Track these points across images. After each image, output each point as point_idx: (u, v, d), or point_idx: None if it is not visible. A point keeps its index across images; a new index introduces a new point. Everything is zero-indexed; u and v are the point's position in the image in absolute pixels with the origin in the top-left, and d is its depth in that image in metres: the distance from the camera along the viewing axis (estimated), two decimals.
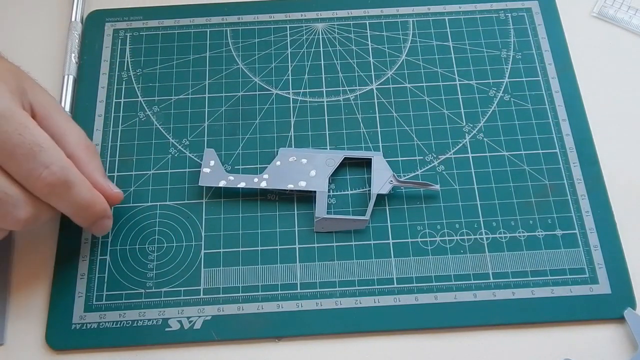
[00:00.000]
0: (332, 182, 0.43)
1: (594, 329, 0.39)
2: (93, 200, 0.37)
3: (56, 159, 0.34)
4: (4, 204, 0.33)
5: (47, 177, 0.34)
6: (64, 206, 0.36)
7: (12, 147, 0.33)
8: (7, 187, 0.33)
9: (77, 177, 0.35)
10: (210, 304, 0.40)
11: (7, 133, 0.33)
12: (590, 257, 0.41)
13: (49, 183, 0.34)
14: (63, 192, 0.35)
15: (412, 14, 0.50)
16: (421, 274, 0.40)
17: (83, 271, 0.41)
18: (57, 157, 0.34)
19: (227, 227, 0.42)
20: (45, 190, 0.34)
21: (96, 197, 0.37)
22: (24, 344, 0.39)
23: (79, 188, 0.36)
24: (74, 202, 0.36)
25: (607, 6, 0.50)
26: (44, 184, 0.34)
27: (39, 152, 0.33)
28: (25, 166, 0.33)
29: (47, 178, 0.34)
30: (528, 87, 0.47)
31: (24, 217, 0.34)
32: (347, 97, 0.47)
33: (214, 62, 0.48)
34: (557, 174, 0.43)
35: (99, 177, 0.38)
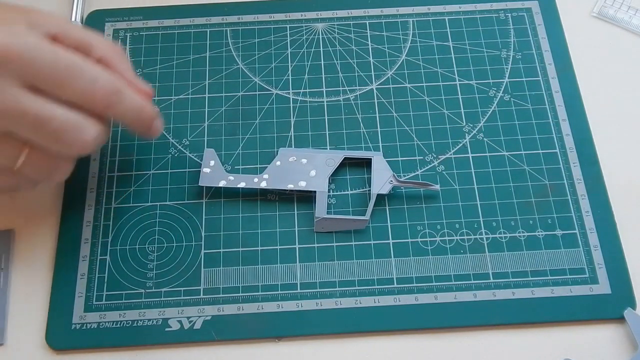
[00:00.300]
0: (332, 182, 0.43)
1: (594, 329, 0.39)
2: (142, 102, 0.38)
3: (99, 72, 0.36)
4: (71, 131, 0.35)
5: (99, 89, 0.35)
6: (122, 113, 0.37)
7: (60, 73, 0.34)
8: (67, 114, 0.34)
9: (122, 83, 0.37)
10: (210, 304, 0.40)
11: (50, 63, 0.34)
12: (590, 257, 0.41)
13: (104, 94, 0.35)
14: (117, 99, 0.36)
15: (412, 14, 0.50)
16: (421, 274, 0.40)
17: (83, 271, 0.41)
18: (99, 70, 0.36)
19: (227, 227, 0.42)
20: (103, 103, 0.36)
21: (143, 100, 0.38)
22: (24, 344, 0.39)
23: (128, 92, 0.37)
24: (129, 106, 0.37)
25: (607, 6, 0.50)
26: (100, 97, 0.35)
27: (84, 70, 0.35)
28: (77, 87, 0.34)
29: (100, 90, 0.35)
30: (528, 87, 0.47)
31: (92, 137, 0.36)
32: (347, 97, 0.47)
33: (214, 62, 0.48)
34: (557, 174, 0.43)
35: (130, 74, 0.39)
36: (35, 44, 0.34)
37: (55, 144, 0.35)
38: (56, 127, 0.34)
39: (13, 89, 0.33)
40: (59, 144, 0.35)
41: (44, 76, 0.34)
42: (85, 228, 0.42)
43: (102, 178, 0.43)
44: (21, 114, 0.33)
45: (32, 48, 0.33)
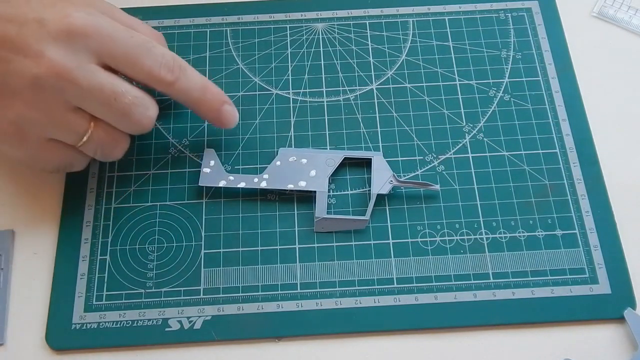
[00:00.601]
0: (332, 182, 0.43)
1: (594, 329, 0.39)
2: (206, 80, 0.40)
3: (164, 48, 0.38)
4: (140, 107, 0.36)
5: (167, 64, 0.37)
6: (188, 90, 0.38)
7: (132, 50, 0.36)
8: (137, 91, 0.36)
9: (184, 61, 0.38)
10: (210, 304, 0.40)
11: (123, 40, 0.35)
12: (590, 257, 0.41)
13: (171, 69, 0.37)
14: (182, 75, 0.38)
15: (412, 14, 0.50)
16: (421, 274, 0.40)
17: (83, 271, 0.41)
18: (164, 48, 0.37)
19: (227, 227, 0.42)
20: (170, 78, 0.37)
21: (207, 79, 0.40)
22: (24, 344, 0.39)
23: (191, 70, 0.39)
24: (194, 84, 0.38)
25: (607, 6, 0.50)
26: (167, 72, 0.37)
27: (151, 47, 0.36)
28: (148, 63, 0.36)
29: (167, 65, 0.37)
30: (528, 87, 0.47)
31: (154, 115, 0.38)
32: (347, 97, 0.47)
33: (214, 62, 0.48)
34: (557, 174, 0.43)
35: None
36: (110, 22, 0.35)
37: (124, 120, 0.36)
38: (127, 103, 0.35)
39: (89, 64, 0.34)
40: (127, 120, 0.36)
41: (118, 54, 0.35)
42: (85, 228, 0.42)
43: (102, 178, 0.43)
44: (96, 89, 0.34)
45: (110, 27, 0.35)
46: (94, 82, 0.34)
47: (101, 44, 0.35)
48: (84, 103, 0.35)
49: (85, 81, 0.34)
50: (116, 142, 0.38)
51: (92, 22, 0.34)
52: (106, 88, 0.35)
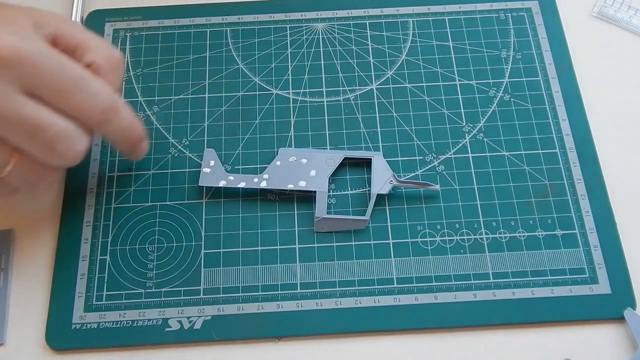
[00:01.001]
0: (332, 182, 0.43)
1: (594, 329, 0.39)
2: (135, 120, 0.38)
3: (101, 86, 0.35)
4: (64, 141, 0.34)
5: (98, 104, 0.35)
6: (114, 130, 0.37)
7: (61, 83, 0.34)
8: (63, 124, 0.34)
9: (121, 100, 0.37)
10: (210, 304, 0.40)
11: (53, 72, 0.33)
12: (590, 257, 0.41)
13: (102, 110, 0.35)
14: (113, 116, 0.36)
15: (412, 14, 0.50)
16: (421, 274, 0.40)
17: (83, 271, 0.41)
18: (101, 85, 0.35)
19: (227, 227, 0.42)
20: (99, 117, 0.35)
21: (135, 117, 0.38)
22: (24, 344, 0.39)
23: (124, 110, 0.37)
24: (122, 125, 0.37)
25: (607, 6, 0.50)
26: (97, 112, 0.35)
27: (86, 83, 0.34)
28: (77, 98, 0.34)
29: (99, 105, 0.35)
30: (528, 87, 0.47)
31: (83, 149, 0.35)
32: (347, 97, 0.47)
33: (214, 62, 0.48)
34: (557, 174, 0.43)
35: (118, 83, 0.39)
36: (44, 51, 0.33)
37: (48, 154, 0.34)
38: (51, 136, 0.33)
39: (13, 94, 0.32)
40: (51, 153, 0.34)
41: (47, 85, 0.33)
42: (85, 228, 0.42)
43: (102, 178, 0.43)
44: (19, 120, 0.32)
45: (42, 55, 0.33)
46: (16, 114, 0.32)
47: (28, 74, 0.32)
48: (5, 134, 0.33)
49: (6, 112, 0.32)
50: (41, 176, 0.36)
51: (21, 50, 0.32)
52: (29, 120, 0.33)
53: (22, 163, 0.34)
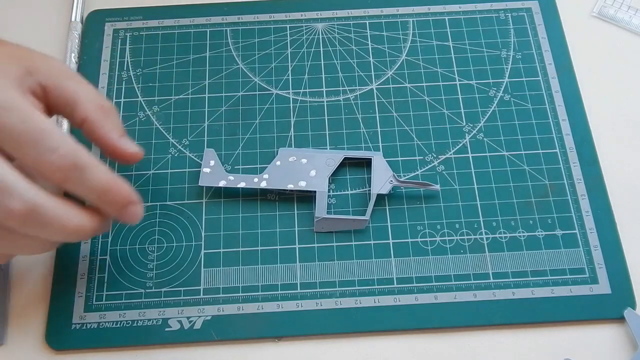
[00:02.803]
0: (332, 182, 0.43)
1: (594, 329, 0.39)
2: (110, 183, 0.35)
3: (63, 143, 0.33)
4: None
5: (55, 161, 0.33)
6: (83, 192, 0.35)
7: (18, 136, 0.32)
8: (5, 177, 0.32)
9: (89, 159, 0.34)
10: (210, 304, 0.40)
11: (11, 123, 0.32)
12: (590, 257, 0.41)
13: (59, 167, 0.33)
14: (76, 175, 0.34)
15: (412, 14, 0.50)
16: (421, 274, 0.40)
17: (83, 271, 0.41)
18: (64, 141, 0.33)
19: (227, 227, 0.42)
20: (58, 175, 0.33)
21: (114, 181, 0.35)
22: (24, 344, 0.39)
23: (93, 171, 0.34)
24: (91, 186, 0.34)
25: (607, 6, 0.50)
26: (54, 169, 0.33)
27: (45, 137, 0.33)
28: (33, 153, 0.33)
29: (56, 162, 0.33)
30: (528, 87, 0.47)
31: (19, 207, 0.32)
32: (347, 97, 0.47)
33: (214, 62, 0.48)
34: (557, 174, 0.43)
35: (114, 136, 0.37)
36: (7, 101, 0.32)
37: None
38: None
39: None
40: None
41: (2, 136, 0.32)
42: None
43: None
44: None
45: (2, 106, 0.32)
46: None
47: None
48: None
49: None
50: None
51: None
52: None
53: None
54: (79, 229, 0.34)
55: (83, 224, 0.34)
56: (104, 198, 0.35)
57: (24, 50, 0.37)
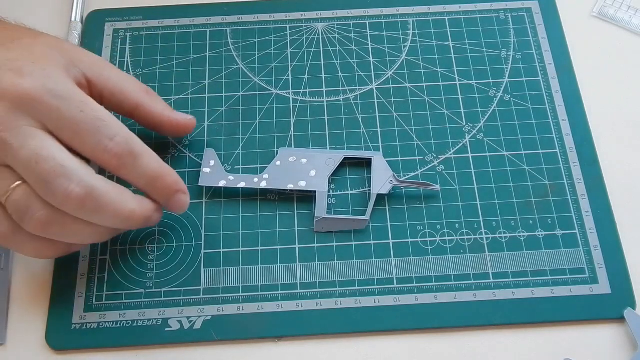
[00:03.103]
0: (332, 182, 0.43)
1: (594, 329, 0.39)
2: (162, 170, 0.37)
3: (120, 130, 0.35)
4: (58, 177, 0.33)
5: (113, 148, 0.35)
6: (135, 178, 0.36)
7: (77, 124, 0.34)
8: (64, 162, 0.33)
9: (142, 147, 0.36)
10: (210, 304, 0.40)
11: (70, 112, 0.34)
12: (590, 257, 0.41)
13: (116, 154, 0.35)
14: (131, 162, 0.35)
15: (412, 14, 0.50)
16: (421, 274, 0.40)
17: (83, 271, 0.41)
18: (120, 129, 0.35)
19: (227, 227, 0.42)
20: (114, 162, 0.35)
21: (165, 168, 0.37)
22: (24, 344, 0.39)
23: (146, 157, 0.36)
24: (143, 172, 0.36)
25: (607, 6, 0.50)
26: (111, 155, 0.35)
27: (102, 126, 0.34)
28: (91, 141, 0.34)
29: (114, 149, 0.35)
30: (528, 87, 0.47)
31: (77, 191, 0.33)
32: (347, 97, 0.47)
33: (214, 62, 0.48)
34: (557, 174, 0.43)
35: (169, 112, 0.40)
36: (63, 92, 0.34)
37: (42, 187, 0.33)
38: (47, 169, 0.33)
39: (24, 127, 0.33)
40: (45, 187, 0.33)
41: (62, 126, 0.34)
42: None
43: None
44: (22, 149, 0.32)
45: (56, 97, 0.33)
46: (21, 144, 0.33)
47: (45, 113, 0.33)
48: (11, 161, 0.33)
49: (13, 141, 0.32)
50: (30, 210, 0.34)
51: (42, 91, 0.33)
52: (30, 149, 0.32)
53: (19, 191, 0.33)
54: (132, 215, 0.36)
55: (135, 210, 0.36)
56: (154, 185, 0.37)
57: (63, 42, 0.38)
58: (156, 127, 0.41)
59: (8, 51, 0.35)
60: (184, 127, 0.42)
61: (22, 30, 0.37)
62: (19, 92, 0.33)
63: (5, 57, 0.34)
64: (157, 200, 0.37)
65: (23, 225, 0.34)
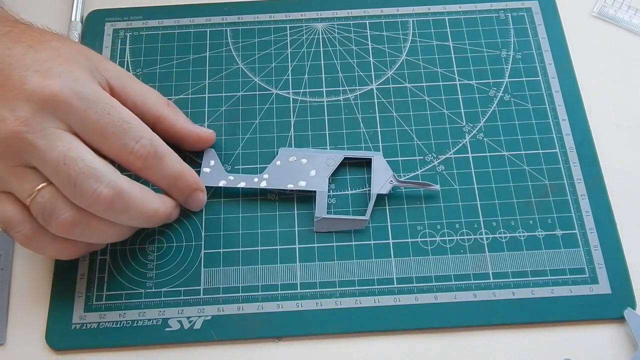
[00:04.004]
0: (332, 182, 0.43)
1: (594, 329, 0.39)
2: (183, 170, 0.38)
3: (145, 133, 0.36)
4: (87, 178, 0.33)
5: (139, 150, 0.35)
6: (158, 178, 0.37)
7: (104, 126, 0.34)
8: (92, 163, 0.33)
9: (166, 148, 0.37)
10: (210, 304, 0.40)
11: (97, 114, 0.34)
12: (590, 257, 0.41)
13: (142, 155, 0.35)
14: (155, 163, 0.36)
15: (412, 14, 0.50)
16: (421, 274, 0.40)
17: (83, 271, 0.41)
18: (145, 131, 0.36)
19: (227, 227, 0.42)
20: (139, 164, 0.36)
21: (186, 168, 0.39)
22: (24, 344, 0.39)
23: (169, 158, 0.37)
24: (167, 173, 0.37)
25: (607, 6, 0.50)
26: (137, 157, 0.35)
27: (128, 128, 0.35)
28: (117, 143, 0.35)
29: (140, 151, 0.35)
30: (528, 87, 0.47)
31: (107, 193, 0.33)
32: (347, 97, 0.47)
33: (214, 62, 0.48)
34: (557, 174, 0.43)
35: (190, 126, 0.42)
36: (91, 95, 0.34)
37: (70, 189, 0.33)
38: (76, 171, 0.33)
39: (52, 128, 0.33)
40: (73, 189, 0.33)
41: (88, 128, 0.34)
42: None
43: None
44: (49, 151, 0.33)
45: (84, 99, 0.34)
46: (49, 145, 0.33)
47: (72, 115, 0.34)
48: (37, 163, 0.33)
49: (41, 143, 0.33)
50: (56, 211, 0.34)
51: (69, 93, 0.33)
52: (58, 151, 0.33)
53: (45, 192, 0.34)
54: (155, 213, 0.37)
55: (159, 208, 0.37)
56: (176, 184, 0.38)
57: (88, 49, 0.38)
58: (177, 140, 0.41)
59: (36, 52, 0.35)
60: (205, 140, 0.43)
61: (50, 34, 0.38)
62: (46, 93, 0.33)
63: (33, 59, 0.34)
64: (177, 198, 0.39)
65: (48, 227, 0.34)
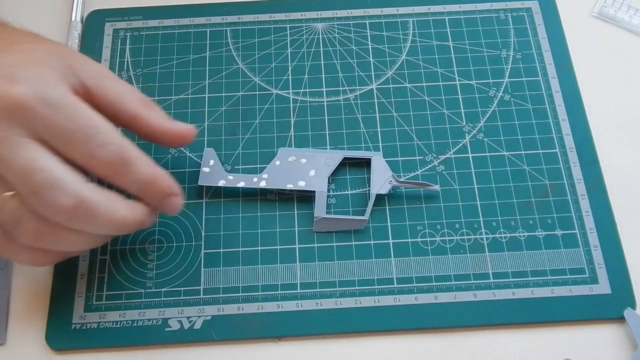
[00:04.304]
0: (331, 182, 0.43)
1: (594, 329, 0.39)
2: (155, 175, 0.36)
3: (114, 139, 0.34)
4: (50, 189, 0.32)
5: (106, 156, 0.34)
6: (129, 184, 0.36)
7: (70, 133, 0.33)
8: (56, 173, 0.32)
9: (135, 152, 0.35)
10: (210, 304, 0.40)
11: (64, 120, 0.33)
12: (590, 257, 0.41)
13: (109, 162, 0.34)
14: (124, 169, 0.35)
15: (412, 14, 0.50)
16: (421, 274, 0.40)
17: (83, 271, 0.41)
18: (114, 137, 0.34)
19: (227, 227, 0.42)
20: (108, 170, 0.34)
21: (158, 173, 0.37)
22: (24, 344, 0.39)
23: (139, 164, 0.35)
24: (137, 178, 0.35)
25: (607, 6, 0.50)
26: (104, 163, 0.34)
27: (96, 134, 0.34)
28: (84, 149, 0.33)
29: (107, 157, 0.34)
30: (528, 87, 0.47)
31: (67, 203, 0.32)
32: (347, 97, 0.47)
33: (214, 62, 0.48)
34: (557, 174, 0.43)
35: (167, 123, 0.39)
36: (59, 98, 0.33)
37: (34, 199, 0.32)
38: (39, 180, 0.32)
39: (15, 136, 0.32)
40: (37, 199, 0.32)
41: (52, 133, 0.33)
42: None
43: None
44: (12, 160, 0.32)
45: (49, 104, 0.33)
46: (12, 154, 0.32)
47: (37, 122, 0.32)
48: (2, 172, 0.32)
49: (3, 152, 0.32)
50: (22, 221, 0.33)
51: (34, 99, 0.32)
52: (21, 160, 0.32)
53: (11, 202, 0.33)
54: (124, 221, 0.35)
55: (127, 216, 0.35)
56: (148, 189, 0.36)
57: (64, 48, 0.37)
58: (154, 138, 0.40)
59: (5, 56, 0.34)
60: (182, 137, 0.40)
61: (25, 35, 0.37)
62: (10, 100, 0.32)
63: (0, 63, 0.33)
64: (151, 203, 0.37)
65: (15, 237, 0.34)
